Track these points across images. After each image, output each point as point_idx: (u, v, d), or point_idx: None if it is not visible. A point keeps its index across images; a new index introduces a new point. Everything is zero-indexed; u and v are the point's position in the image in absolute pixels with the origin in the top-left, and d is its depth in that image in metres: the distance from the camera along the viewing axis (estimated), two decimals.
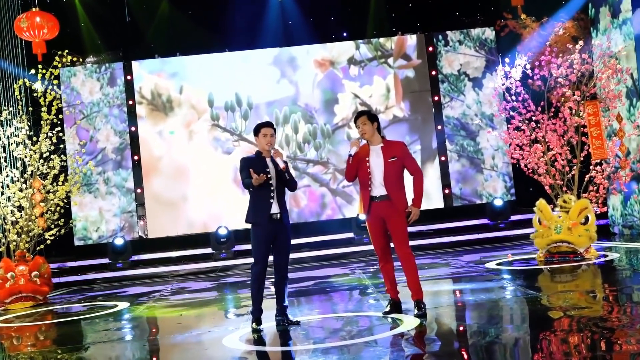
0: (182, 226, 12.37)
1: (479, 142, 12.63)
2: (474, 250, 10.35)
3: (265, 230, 5.44)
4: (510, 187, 12.56)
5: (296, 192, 12.44)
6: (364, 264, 9.89)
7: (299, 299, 7.13)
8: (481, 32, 12.78)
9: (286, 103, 12.63)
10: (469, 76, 12.74)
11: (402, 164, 5.44)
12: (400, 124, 12.65)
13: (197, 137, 12.52)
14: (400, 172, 5.46)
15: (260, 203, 5.50)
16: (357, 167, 5.44)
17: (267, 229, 5.44)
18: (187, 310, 7.21)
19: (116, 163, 12.42)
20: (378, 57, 12.74)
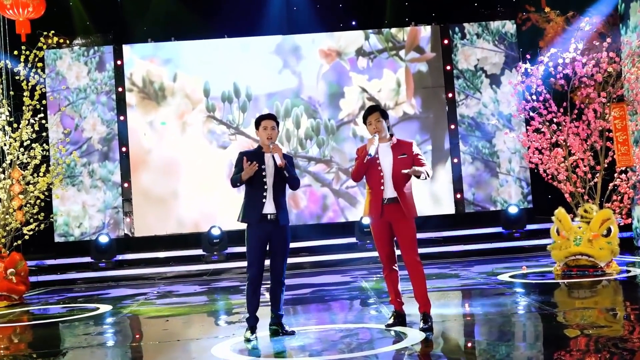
0: (171, 225, 12.38)
1: (495, 144, 12.62)
2: (485, 260, 10.35)
3: (258, 231, 5.44)
4: (527, 193, 12.56)
5: (296, 192, 12.46)
6: (367, 272, 9.88)
7: (295, 307, 7.13)
8: (501, 25, 12.77)
9: (288, 95, 12.64)
10: (486, 72, 12.73)
11: (411, 162, 5.45)
12: (411, 122, 12.65)
13: (191, 129, 12.53)
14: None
15: (252, 201, 5.50)
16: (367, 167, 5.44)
17: (260, 229, 5.44)
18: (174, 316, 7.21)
19: (102, 154, 12.43)
20: (389, 48, 12.75)
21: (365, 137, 12.21)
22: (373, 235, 5.54)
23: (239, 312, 7.00)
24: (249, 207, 5.51)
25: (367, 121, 5.54)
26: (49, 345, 6.04)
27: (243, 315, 5.92)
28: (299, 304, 7.39)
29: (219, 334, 5.99)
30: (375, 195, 5.44)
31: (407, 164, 5.43)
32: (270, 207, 5.47)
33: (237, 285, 9.40)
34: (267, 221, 5.45)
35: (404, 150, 5.47)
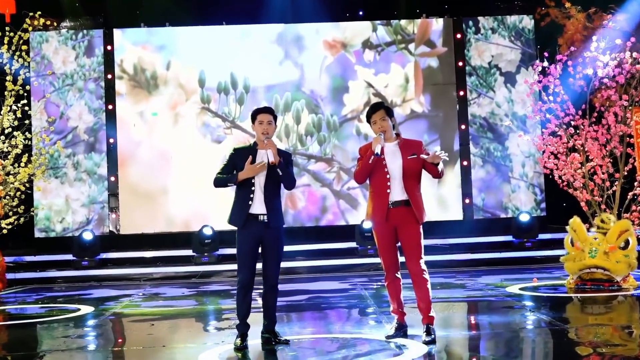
0: (160, 223, 12.38)
1: (507, 146, 12.62)
2: (494, 271, 10.34)
3: (249, 233, 5.44)
4: (540, 201, 12.56)
5: (293, 191, 12.46)
6: (367, 279, 9.88)
7: (289, 314, 7.12)
8: (518, 20, 12.77)
9: (288, 88, 12.64)
10: (500, 70, 12.73)
11: (421, 162, 5.45)
12: (419, 120, 12.65)
13: (184, 121, 12.53)
14: (420, 172, 5.47)
15: (239, 202, 5.51)
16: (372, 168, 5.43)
17: (250, 231, 5.44)
18: (160, 320, 7.20)
19: (88, 145, 12.43)
20: (397, 41, 12.74)
21: (370, 136, 12.23)
22: (376, 240, 5.53)
23: (229, 318, 6.99)
24: (236, 208, 5.52)
25: (372, 120, 5.52)
26: (25, 348, 6.03)
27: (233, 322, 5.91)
28: (293, 311, 7.38)
29: (207, 340, 5.98)
30: (380, 198, 5.42)
31: (416, 165, 5.42)
32: (259, 207, 5.46)
33: (228, 289, 9.39)
34: (257, 222, 5.45)
35: (413, 150, 5.46)
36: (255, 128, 5.60)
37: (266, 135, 5.51)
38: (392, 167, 5.42)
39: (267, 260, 5.54)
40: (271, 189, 5.51)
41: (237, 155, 5.59)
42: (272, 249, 5.51)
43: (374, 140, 5.41)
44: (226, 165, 5.64)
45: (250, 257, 5.49)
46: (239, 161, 5.53)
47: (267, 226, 5.46)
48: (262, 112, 5.62)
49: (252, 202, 5.46)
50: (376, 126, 5.48)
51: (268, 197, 5.48)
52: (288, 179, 5.55)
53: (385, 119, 5.47)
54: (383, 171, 5.43)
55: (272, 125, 5.59)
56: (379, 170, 5.44)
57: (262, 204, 5.46)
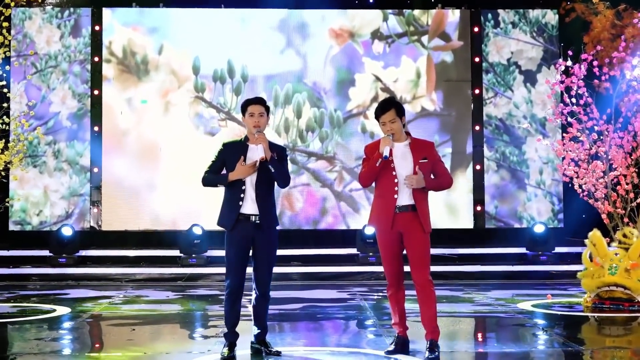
0: (145, 220, 12.37)
1: (524, 151, 12.62)
2: (505, 285, 10.33)
3: (239, 234, 5.44)
4: (558, 211, 12.56)
5: (291, 191, 12.49)
6: (367, 289, 9.87)
7: (281, 324, 7.12)
8: (541, 14, 12.77)
9: (290, 79, 12.64)
10: (520, 68, 12.73)
11: (431, 168, 5.46)
12: (429, 119, 12.65)
13: (175, 110, 12.52)
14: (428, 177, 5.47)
15: (229, 201, 5.52)
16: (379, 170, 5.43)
17: (240, 233, 5.44)
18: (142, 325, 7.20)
19: (71, 133, 12.42)
20: (410, 33, 12.74)
21: (377, 134, 12.24)
22: (380, 247, 5.53)
23: (217, 325, 6.99)
24: (225, 208, 5.52)
25: (380, 120, 5.50)
26: None
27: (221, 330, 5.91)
28: (286, 320, 7.38)
29: (192, 349, 5.98)
30: (386, 202, 5.42)
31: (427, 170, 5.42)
32: (251, 207, 5.45)
33: (216, 294, 9.39)
34: (248, 223, 5.44)
35: (425, 153, 5.46)
36: (246, 121, 5.59)
37: (257, 129, 5.49)
38: (401, 170, 5.42)
39: (259, 265, 5.53)
40: (264, 187, 5.50)
41: (226, 151, 5.59)
42: (264, 252, 5.51)
43: (382, 140, 5.39)
44: (214, 162, 5.64)
45: (240, 260, 5.49)
46: (229, 157, 5.53)
47: (258, 227, 5.45)
48: (252, 103, 5.60)
49: (242, 201, 5.45)
50: (384, 128, 5.46)
51: (260, 196, 5.47)
52: (281, 176, 5.54)
53: (395, 121, 5.44)
54: (391, 174, 5.43)
55: (264, 117, 5.57)
56: (387, 173, 5.43)
57: (254, 203, 5.46)
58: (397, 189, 5.40)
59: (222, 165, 5.57)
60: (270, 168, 5.44)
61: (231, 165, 5.50)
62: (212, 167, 5.63)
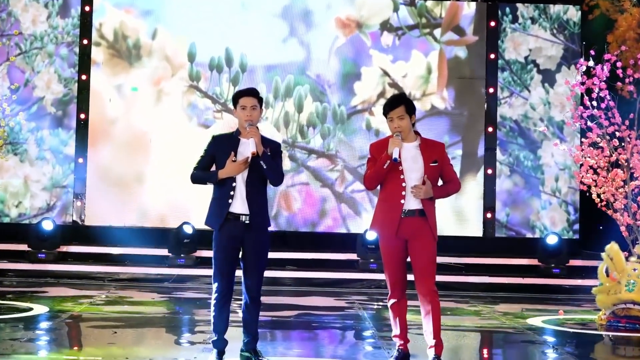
0: (131, 215, 12.36)
1: (540, 155, 12.61)
2: (514, 298, 10.34)
3: (226, 235, 5.44)
4: (573, 221, 12.55)
5: (289, 191, 12.48)
6: (367, 298, 9.88)
7: (274, 332, 7.12)
8: (563, 10, 12.76)
9: (291, 70, 12.63)
10: (538, 67, 12.72)
11: (440, 171, 5.47)
12: (439, 118, 12.64)
13: (168, 99, 12.51)
14: (437, 181, 5.49)
15: (218, 199, 5.52)
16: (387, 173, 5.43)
17: (228, 234, 5.44)
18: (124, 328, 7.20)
19: (55, 120, 12.41)
20: (421, 25, 12.73)
21: (382, 132, 12.23)
22: (382, 254, 5.53)
23: (205, 331, 6.99)
24: (214, 206, 5.53)
25: (388, 117, 5.50)
26: None
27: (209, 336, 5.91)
28: (279, 328, 7.38)
29: (177, 355, 5.98)
30: (392, 206, 5.42)
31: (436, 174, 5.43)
32: (241, 206, 5.46)
33: (205, 297, 9.38)
34: (237, 223, 5.44)
35: (435, 156, 5.47)
36: (237, 114, 5.59)
37: (249, 122, 5.49)
38: (409, 172, 5.42)
39: (249, 268, 5.53)
40: (255, 184, 5.50)
41: (216, 145, 5.60)
42: (255, 254, 5.51)
43: (391, 141, 5.39)
44: (203, 158, 5.65)
45: (228, 263, 5.49)
46: (219, 152, 5.54)
47: (249, 228, 5.46)
48: (244, 94, 5.60)
49: (232, 199, 5.46)
50: (392, 124, 5.46)
51: (251, 194, 5.47)
52: (273, 173, 5.53)
53: (403, 118, 5.44)
54: (399, 177, 5.43)
55: (257, 110, 5.58)
56: (394, 175, 5.43)
57: (244, 201, 5.46)
58: (404, 193, 5.40)
59: (211, 160, 5.57)
60: (262, 164, 5.43)
61: (221, 160, 5.50)
62: (201, 163, 5.64)
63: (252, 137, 5.41)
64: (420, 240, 5.41)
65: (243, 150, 5.48)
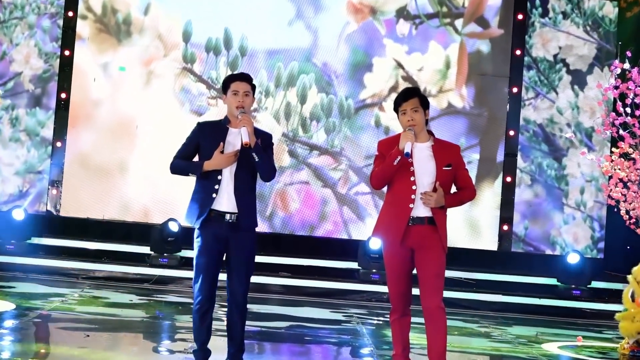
0: (112, 208, 12.35)
1: (565, 165, 12.60)
2: (529, 320, 10.33)
3: (209, 235, 5.44)
4: (598, 239, 12.53)
5: (287, 189, 12.47)
6: (367, 311, 9.87)
7: (262, 344, 7.12)
8: (598, 5, 12.73)
9: (296, 56, 12.61)
10: (568, 66, 12.70)
11: (454, 175, 5.46)
12: (456, 118, 12.62)
13: (159, 82, 12.50)
14: (450, 186, 5.49)
15: (200, 194, 5.51)
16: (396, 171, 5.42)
17: (211, 233, 5.43)
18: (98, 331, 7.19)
19: (33, 98, 12.40)
20: (442, 14, 12.72)
21: (392, 129, 12.23)
22: (386, 263, 5.53)
23: (186, 339, 6.99)
24: (195, 201, 5.52)
25: (401, 109, 5.52)
26: None
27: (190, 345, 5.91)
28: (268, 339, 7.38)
29: None
30: (399, 211, 5.42)
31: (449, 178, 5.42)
32: (226, 203, 5.45)
33: (188, 302, 9.38)
34: (222, 222, 5.43)
35: (449, 159, 5.46)
36: (228, 100, 5.60)
37: (241, 110, 5.49)
38: (421, 175, 5.42)
39: (233, 272, 5.52)
40: (244, 179, 5.50)
41: (201, 133, 5.60)
42: (241, 257, 5.50)
43: (402, 135, 5.39)
44: (186, 145, 5.64)
45: (211, 266, 5.49)
46: (205, 141, 5.53)
47: (235, 228, 5.44)
48: (237, 79, 5.62)
49: (217, 194, 5.44)
50: (405, 117, 5.47)
51: (239, 189, 5.46)
52: (265, 166, 5.52)
53: (417, 110, 5.46)
54: (408, 179, 5.42)
55: (250, 97, 5.60)
56: (404, 177, 5.43)
57: (231, 198, 5.45)
58: (414, 197, 5.40)
59: (195, 150, 5.57)
60: (254, 156, 5.42)
61: (206, 151, 5.49)
62: (183, 152, 5.64)
63: (245, 126, 5.39)
64: (428, 251, 5.40)
65: (232, 140, 5.47)
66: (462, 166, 5.59)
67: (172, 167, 5.63)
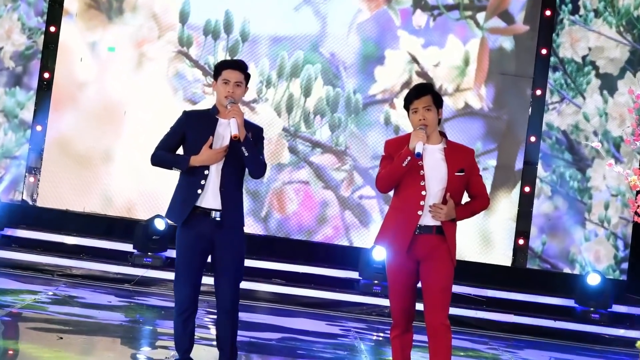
0: (93, 200, 12.35)
1: (589, 176, 12.58)
2: (542, 344, 10.33)
3: (192, 233, 5.45)
4: (622, 259, 12.51)
5: (284, 189, 12.44)
6: (365, 326, 9.87)
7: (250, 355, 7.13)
8: (634, 4, 12.71)
9: (302, 45, 12.61)
10: (598, 69, 12.68)
11: (466, 182, 5.47)
12: (473, 120, 12.61)
13: (151, 66, 12.50)
14: (462, 193, 5.49)
15: (184, 189, 5.53)
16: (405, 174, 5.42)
17: (195, 232, 5.44)
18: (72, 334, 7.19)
19: (14, 77, 12.40)
20: (463, 6, 12.71)
21: (403, 128, 12.22)
22: (389, 275, 5.54)
23: (168, 346, 6.99)
24: (178, 196, 5.53)
25: (412, 106, 5.52)
26: None
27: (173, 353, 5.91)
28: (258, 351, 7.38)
29: None
30: (406, 218, 5.42)
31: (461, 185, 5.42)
32: (212, 199, 5.48)
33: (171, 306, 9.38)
34: (206, 220, 5.44)
35: (462, 164, 5.47)
36: (217, 88, 5.62)
37: (230, 100, 5.49)
38: (431, 180, 5.42)
39: (220, 275, 5.54)
40: (232, 175, 5.53)
41: (189, 123, 5.62)
42: (227, 258, 5.51)
43: (413, 134, 5.39)
44: (170, 136, 5.66)
45: (194, 268, 5.51)
46: (191, 132, 5.55)
47: (220, 226, 5.45)
48: (230, 67, 5.64)
49: (202, 190, 5.46)
50: (417, 116, 5.47)
51: (226, 186, 5.49)
52: (255, 161, 5.54)
53: (430, 109, 5.47)
54: (418, 184, 5.43)
55: (242, 87, 5.61)
56: (412, 181, 5.43)
57: (217, 195, 5.47)
58: (422, 204, 5.40)
59: (180, 141, 5.58)
60: (243, 151, 5.43)
61: (192, 143, 5.52)
62: (166, 143, 5.65)
63: (235, 117, 5.40)
64: (435, 263, 5.41)
65: (222, 131, 5.49)
66: (475, 172, 5.59)
67: (154, 158, 5.65)
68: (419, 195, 5.41)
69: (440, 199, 5.42)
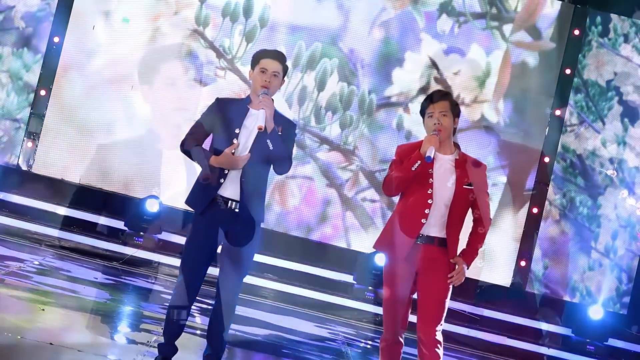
0: (90, 172, 12.33)
1: (600, 204, 12.57)
2: None
3: (207, 221, 5.44)
4: (624, 292, 12.50)
5: (287, 182, 12.43)
6: (355, 332, 9.87)
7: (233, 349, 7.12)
8: None
9: (320, 37, 12.59)
10: (621, 96, 12.66)
11: (473, 198, 5.47)
12: (488, 134, 12.59)
13: (164, 41, 12.48)
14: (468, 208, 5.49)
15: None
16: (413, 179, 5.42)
17: (209, 219, 5.44)
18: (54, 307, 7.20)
19: (23, 37, 12.39)
20: (490, 15, 12.70)
21: (415, 135, 12.21)
22: (385, 282, 5.54)
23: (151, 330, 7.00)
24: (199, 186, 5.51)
25: (428, 111, 5.53)
26: None
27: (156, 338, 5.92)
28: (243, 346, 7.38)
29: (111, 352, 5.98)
30: (409, 225, 5.43)
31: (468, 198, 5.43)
32: (232, 189, 5.45)
33: (159, 290, 9.40)
34: (224, 209, 5.43)
35: (472, 178, 5.46)
36: (254, 77, 5.60)
37: (263, 90, 5.49)
38: (439, 189, 5.42)
39: (227, 266, 5.53)
40: (256, 167, 5.50)
41: (220, 111, 5.58)
42: (239, 251, 5.50)
43: (426, 139, 5.39)
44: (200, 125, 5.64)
45: (202, 254, 5.49)
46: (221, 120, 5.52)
47: (237, 218, 5.44)
48: (269, 56, 5.61)
49: (225, 179, 5.44)
50: (431, 121, 5.47)
51: (248, 178, 5.46)
52: (281, 157, 5.54)
53: (447, 115, 5.47)
54: (425, 192, 5.43)
55: (279, 78, 5.60)
56: (420, 187, 5.43)
57: (237, 185, 5.45)
58: (427, 212, 5.40)
59: (210, 127, 5.56)
60: (269, 144, 5.42)
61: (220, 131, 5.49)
62: (196, 132, 5.62)
63: (265, 108, 5.39)
64: (434, 275, 5.42)
65: (250, 123, 5.47)
66: (484, 189, 5.58)
67: (183, 146, 5.63)
68: (425, 203, 5.41)
69: (446, 210, 5.42)
